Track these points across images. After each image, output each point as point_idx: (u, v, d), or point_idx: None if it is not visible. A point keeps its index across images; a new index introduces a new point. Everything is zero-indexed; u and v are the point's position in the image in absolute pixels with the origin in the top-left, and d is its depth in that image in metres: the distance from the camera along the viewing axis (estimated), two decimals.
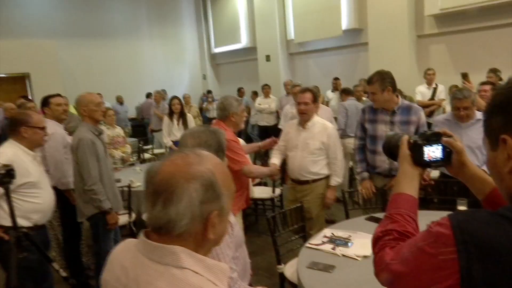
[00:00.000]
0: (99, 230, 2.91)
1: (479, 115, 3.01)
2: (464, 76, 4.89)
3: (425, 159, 1.05)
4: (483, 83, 4.47)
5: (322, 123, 3.25)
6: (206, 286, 0.81)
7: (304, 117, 3.23)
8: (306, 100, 3.17)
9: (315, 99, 3.23)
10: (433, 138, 1.05)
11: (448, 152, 1.06)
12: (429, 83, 6.37)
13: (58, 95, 3.57)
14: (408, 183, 1.04)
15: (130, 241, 0.94)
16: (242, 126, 3.08)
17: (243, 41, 11.68)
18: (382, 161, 3.00)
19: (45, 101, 3.49)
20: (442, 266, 0.77)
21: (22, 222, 2.44)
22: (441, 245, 0.77)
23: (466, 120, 3.05)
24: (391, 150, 1.15)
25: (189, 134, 1.60)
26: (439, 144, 1.05)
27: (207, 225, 0.85)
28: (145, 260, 0.84)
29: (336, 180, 3.24)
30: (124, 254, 0.91)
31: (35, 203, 2.54)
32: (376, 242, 0.98)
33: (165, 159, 0.90)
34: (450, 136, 1.07)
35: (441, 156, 1.05)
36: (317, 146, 3.15)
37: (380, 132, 2.98)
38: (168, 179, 0.83)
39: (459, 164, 1.06)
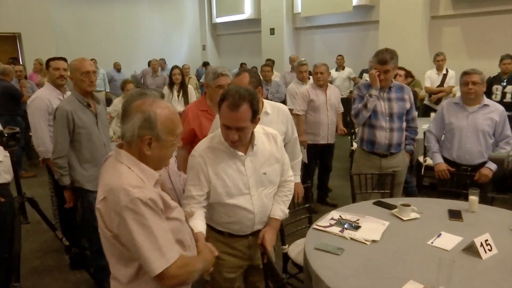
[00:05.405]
0: (80, 201, 2.86)
1: (486, 100, 3.15)
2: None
3: None
4: (399, 68, 4.53)
5: (264, 132, 1.98)
6: (130, 175, 1.30)
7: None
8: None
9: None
10: None
11: None
12: (439, 68, 6.08)
13: (62, 58, 3.39)
14: None
15: None
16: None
17: (247, 12, 11.24)
18: (383, 137, 3.06)
19: (47, 63, 3.39)
20: None
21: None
22: None
23: (474, 102, 3.13)
24: None
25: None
26: None
27: (142, 143, 1.32)
28: (112, 157, 1.41)
29: (285, 212, 2.04)
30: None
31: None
32: None
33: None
34: None
35: None
36: (278, 171, 1.99)
37: (379, 108, 3.05)
38: (131, 108, 1.34)
39: None
